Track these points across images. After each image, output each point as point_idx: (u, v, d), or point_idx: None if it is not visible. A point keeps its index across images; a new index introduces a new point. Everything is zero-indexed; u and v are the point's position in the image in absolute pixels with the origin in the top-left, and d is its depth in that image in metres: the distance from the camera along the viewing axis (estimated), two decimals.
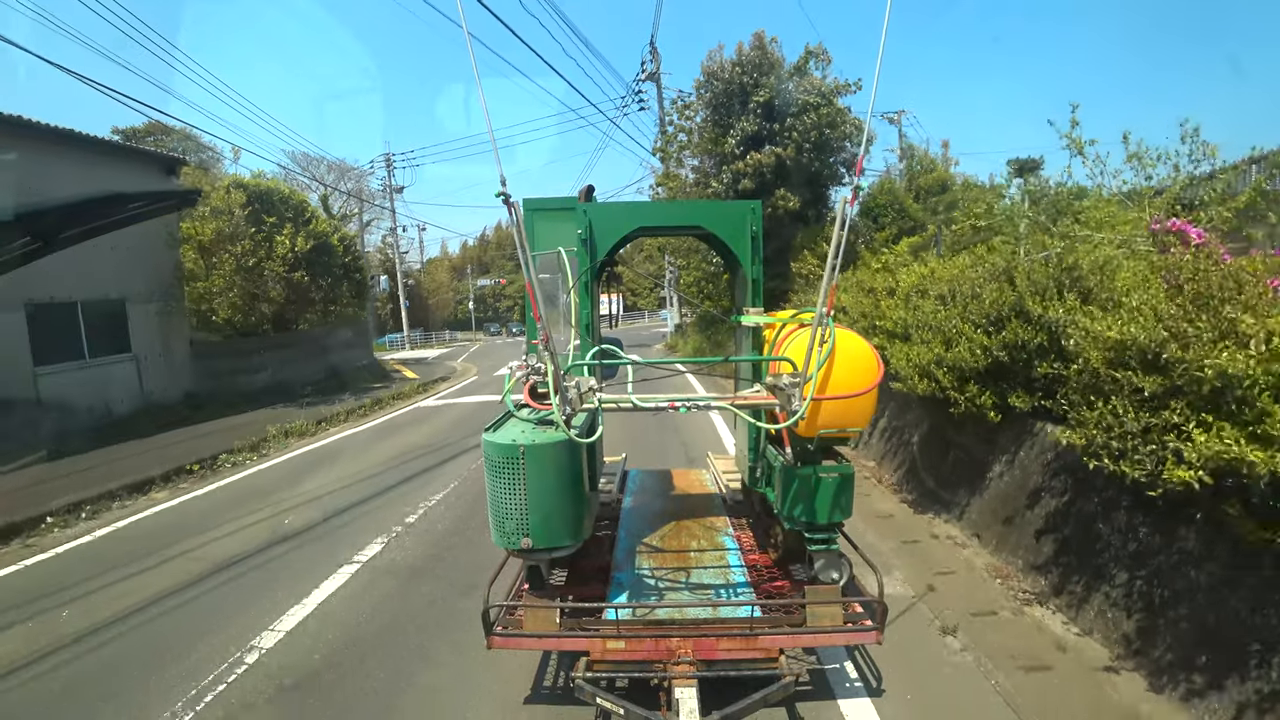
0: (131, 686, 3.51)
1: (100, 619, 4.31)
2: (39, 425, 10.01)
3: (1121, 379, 3.16)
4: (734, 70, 13.60)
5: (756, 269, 3.49)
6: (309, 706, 3.27)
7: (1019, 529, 4.42)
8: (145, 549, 5.64)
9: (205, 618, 4.28)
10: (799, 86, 13.32)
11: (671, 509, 4.21)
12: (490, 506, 2.67)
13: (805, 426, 2.62)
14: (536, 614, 2.86)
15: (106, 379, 11.51)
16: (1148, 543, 3.36)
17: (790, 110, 13.26)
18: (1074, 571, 3.84)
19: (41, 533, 6.31)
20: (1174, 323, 2.96)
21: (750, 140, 13.82)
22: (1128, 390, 3.14)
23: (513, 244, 1.56)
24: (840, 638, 2.99)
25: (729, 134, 13.86)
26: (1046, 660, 3.39)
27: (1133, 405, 3.10)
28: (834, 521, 2.81)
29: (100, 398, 11.30)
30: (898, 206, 15.83)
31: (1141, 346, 3.06)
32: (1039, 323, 4.30)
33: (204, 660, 3.71)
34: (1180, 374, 2.87)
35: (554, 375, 2.42)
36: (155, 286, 12.56)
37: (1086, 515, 3.84)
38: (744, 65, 13.53)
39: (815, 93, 13.20)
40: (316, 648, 3.81)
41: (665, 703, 2.66)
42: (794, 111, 13.24)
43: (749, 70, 13.47)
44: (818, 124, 13.16)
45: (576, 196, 3.89)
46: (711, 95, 14.21)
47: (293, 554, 5.35)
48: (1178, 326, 2.94)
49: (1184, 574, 3.12)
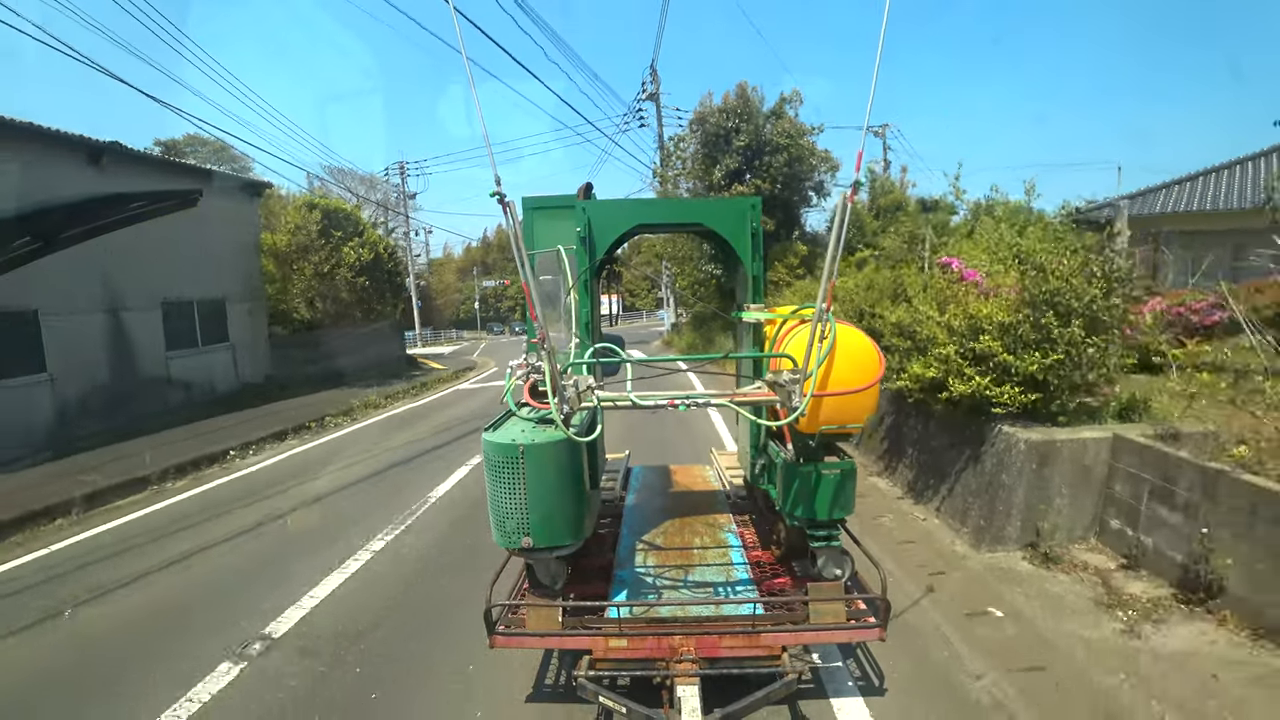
0: (350, 528, 6.29)
1: (304, 499, 7.12)
2: (170, 397, 12.80)
3: (898, 343, 6.02)
4: (720, 116, 16.57)
5: (757, 265, 3.48)
6: (472, 515, 6.07)
7: (872, 438, 7.28)
8: (310, 469, 8.44)
9: (386, 496, 7.07)
10: (774, 129, 16.27)
11: (674, 506, 4.22)
12: (490, 506, 2.67)
13: (806, 423, 2.63)
14: (539, 613, 2.87)
15: (212, 364, 14.28)
16: (917, 430, 6.23)
17: (766, 150, 16.18)
18: (892, 455, 6.70)
19: (229, 460, 9.11)
20: (916, 312, 5.81)
21: (734, 173, 16.73)
22: (901, 349, 5.99)
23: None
24: (843, 635, 2.97)
25: (716, 167, 16.76)
26: (870, 497, 6.22)
27: (901, 355, 5.95)
28: (835, 518, 2.84)
29: (208, 379, 14.08)
30: (858, 224, 18.73)
31: (904, 324, 5.92)
32: (877, 314, 7.14)
33: (396, 510, 6.48)
34: (916, 337, 5.71)
35: (551, 374, 2.41)
36: (245, 288, 15.34)
37: (898, 425, 6.71)
38: (728, 112, 16.50)
39: (786, 135, 16.13)
40: (465, 497, 6.65)
41: (667, 701, 2.66)
42: (769, 150, 16.16)
43: (732, 116, 16.44)
44: (789, 160, 16.08)
45: (576, 194, 3.80)
46: (702, 134, 17.17)
47: (413, 472, 8.13)
48: (918, 314, 5.78)
49: (928, 444, 5.97)
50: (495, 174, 2.14)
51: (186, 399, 13.13)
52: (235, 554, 5.57)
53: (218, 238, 14.24)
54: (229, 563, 5.38)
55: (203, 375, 13.91)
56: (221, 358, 14.63)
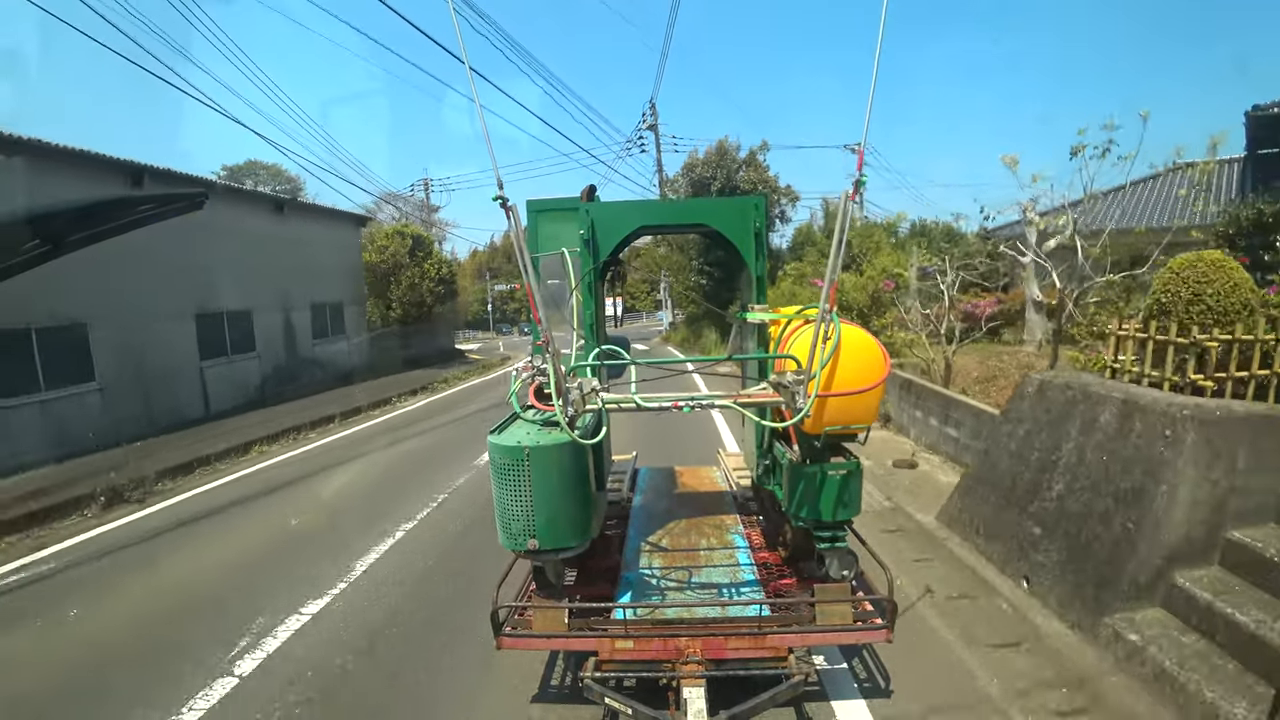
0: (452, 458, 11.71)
1: (457, 418, 12.54)
2: (315, 374, 18.21)
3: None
4: (703, 167, 22.15)
5: (761, 265, 3.43)
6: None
7: None
8: (449, 408, 13.85)
9: (499, 416, 12.47)
10: (744, 177, 21.81)
11: (681, 507, 4.22)
12: (497, 508, 2.68)
13: (811, 423, 2.63)
14: (545, 614, 2.89)
15: (335, 350, 19.70)
16: None
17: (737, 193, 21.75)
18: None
19: (394, 403, 14.55)
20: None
21: None
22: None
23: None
24: (850, 636, 2.97)
25: None
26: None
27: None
28: (841, 519, 2.84)
29: (333, 361, 19.49)
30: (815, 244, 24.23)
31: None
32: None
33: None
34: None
35: (555, 377, 2.40)
36: (354, 294, 20.79)
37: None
38: (709, 164, 22.07)
39: (752, 182, 21.68)
40: None
41: (673, 702, 2.67)
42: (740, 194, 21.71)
43: (712, 167, 21.98)
44: None
45: (579, 196, 3.75)
46: (690, 179, 22.72)
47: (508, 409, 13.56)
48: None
49: None
50: (498, 178, 2.17)
51: (324, 375, 18.53)
52: (429, 438, 10.93)
53: (336, 256, 19.73)
54: (426, 442, 10.75)
55: (331, 358, 19.34)
56: (342, 346, 20.06)
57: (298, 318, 17.70)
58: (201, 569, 5.54)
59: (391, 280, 21.22)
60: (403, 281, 21.19)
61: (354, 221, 21.01)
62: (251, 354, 15.69)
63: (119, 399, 11.68)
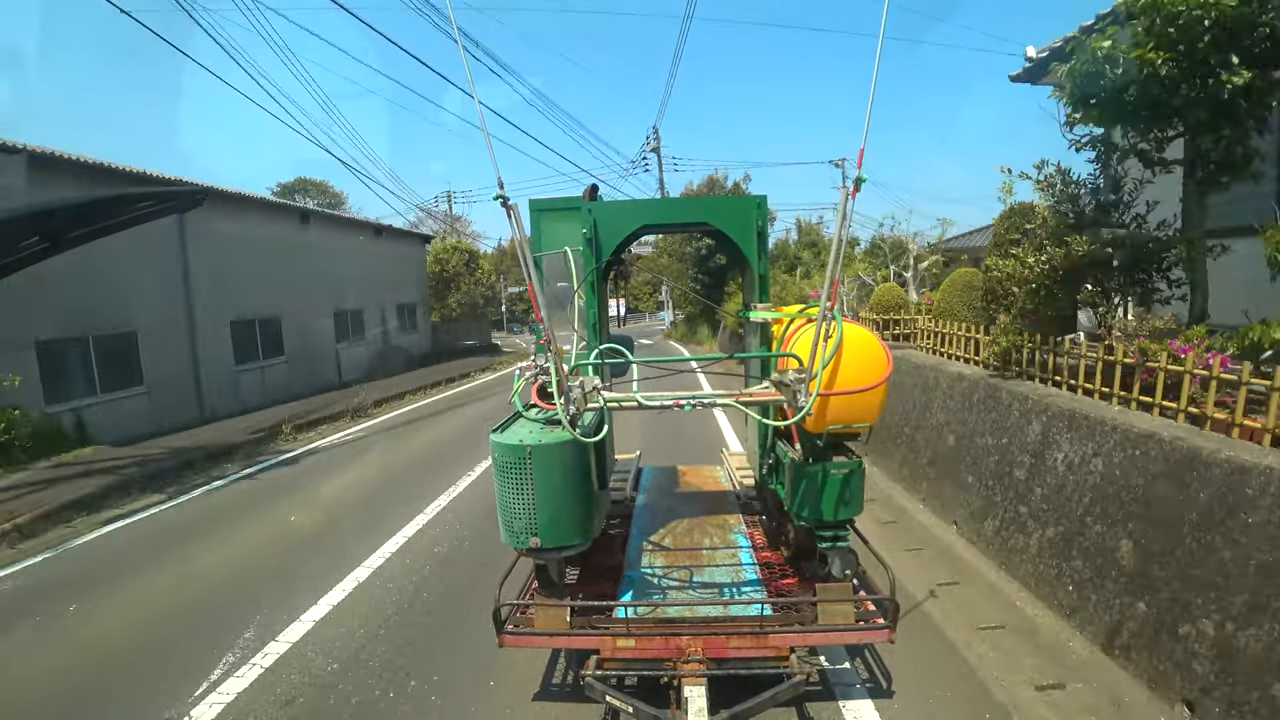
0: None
1: None
2: (400, 358, 23.78)
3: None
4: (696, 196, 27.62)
5: (763, 264, 3.43)
6: None
7: None
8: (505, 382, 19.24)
9: None
10: None
11: (684, 507, 4.24)
12: (499, 506, 2.69)
13: (813, 422, 2.63)
14: (547, 612, 2.89)
15: (410, 340, 25.30)
16: None
17: None
18: None
19: (470, 377, 20.11)
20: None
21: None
22: None
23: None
24: (852, 636, 2.98)
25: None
26: None
27: None
28: (843, 518, 2.83)
29: (408, 349, 25.07)
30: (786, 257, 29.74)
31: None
32: None
33: None
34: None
35: (557, 375, 2.40)
36: (421, 297, 26.38)
37: None
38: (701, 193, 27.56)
39: None
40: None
41: (674, 701, 2.68)
42: None
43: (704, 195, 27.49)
44: None
45: (581, 196, 3.78)
46: None
47: None
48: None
49: None
50: (498, 177, 2.15)
51: (404, 359, 24.12)
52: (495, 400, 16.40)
53: (411, 267, 25.43)
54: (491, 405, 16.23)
55: (408, 346, 24.96)
56: (414, 337, 25.68)
57: (390, 314, 23.28)
58: (426, 439, 11.12)
59: (451, 286, 26.90)
60: (461, 288, 26.89)
61: (421, 240, 26.74)
62: (362, 340, 21.25)
63: (296, 369, 17.27)
